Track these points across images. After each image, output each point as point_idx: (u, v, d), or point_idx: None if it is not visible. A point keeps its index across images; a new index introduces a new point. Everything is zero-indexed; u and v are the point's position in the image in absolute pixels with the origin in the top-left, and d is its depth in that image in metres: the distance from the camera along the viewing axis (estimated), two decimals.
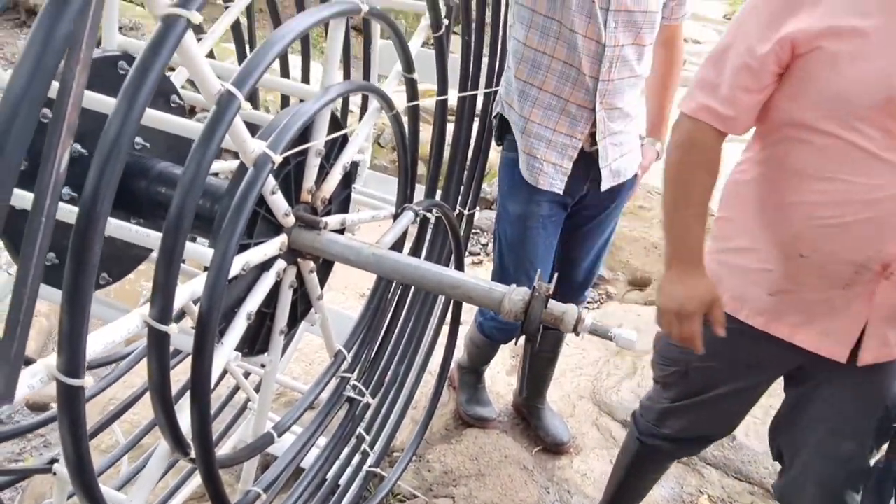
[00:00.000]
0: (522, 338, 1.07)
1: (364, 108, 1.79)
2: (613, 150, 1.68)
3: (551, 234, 1.76)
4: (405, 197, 1.43)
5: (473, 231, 3.69)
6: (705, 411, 1.47)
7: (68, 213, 0.71)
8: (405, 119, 1.30)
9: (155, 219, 1.22)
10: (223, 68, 1.12)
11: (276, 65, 1.69)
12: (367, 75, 1.45)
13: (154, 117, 1.02)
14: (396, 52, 1.22)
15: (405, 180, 1.40)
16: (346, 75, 1.60)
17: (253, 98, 1.71)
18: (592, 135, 1.64)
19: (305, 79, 1.73)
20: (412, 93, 1.30)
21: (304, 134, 1.06)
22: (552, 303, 1.04)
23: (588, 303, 3.22)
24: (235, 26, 1.53)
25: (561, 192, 1.68)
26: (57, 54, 0.50)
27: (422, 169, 2.05)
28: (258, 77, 0.79)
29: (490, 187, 3.77)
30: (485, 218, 3.79)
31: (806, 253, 1.17)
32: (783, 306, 1.25)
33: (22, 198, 0.99)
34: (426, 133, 1.48)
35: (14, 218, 1.00)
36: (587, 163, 1.67)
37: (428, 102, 1.77)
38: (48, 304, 2.13)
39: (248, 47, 1.61)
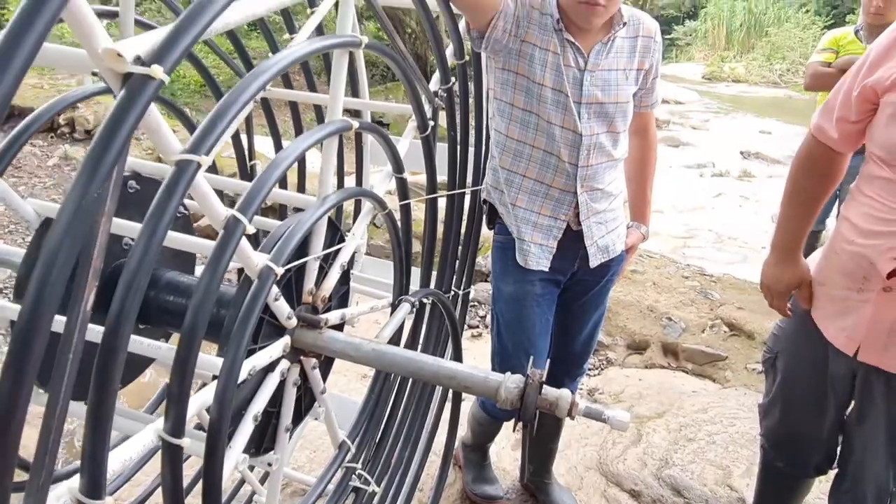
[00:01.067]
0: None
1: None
2: (598, 229, 1.76)
3: (546, 312, 1.81)
4: (401, 288, 1.49)
5: (471, 304, 3.74)
6: (790, 410, 1.61)
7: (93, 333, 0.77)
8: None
9: (162, 325, 1.27)
10: (225, 184, 1.20)
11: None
12: (359, 179, 1.54)
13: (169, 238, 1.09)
14: (386, 154, 1.31)
15: (400, 272, 1.47)
16: (340, 183, 1.70)
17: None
18: (577, 216, 1.72)
19: (301, 187, 1.82)
20: (403, 192, 1.38)
21: (304, 241, 1.13)
22: (546, 388, 1.08)
23: (589, 369, 3.24)
24: (235, 136, 1.63)
25: (548, 270, 1.74)
26: (90, 214, 0.56)
27: (416, 246, 2.13)
28: (261, 200, 0.86)
29: (485, 259, 3.84)
30: (482, 290, 3.85)
31: (837, 251, 1.39)
32: (820, 298, 1.46)
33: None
34: (419, 212, 1.56)
35: None
36: (575, 242, 1.75)
37: (419, 179, 1.85)
38: None
39: (247, 155, 1.70)
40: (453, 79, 1.59)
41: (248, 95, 0.77)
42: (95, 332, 0.71)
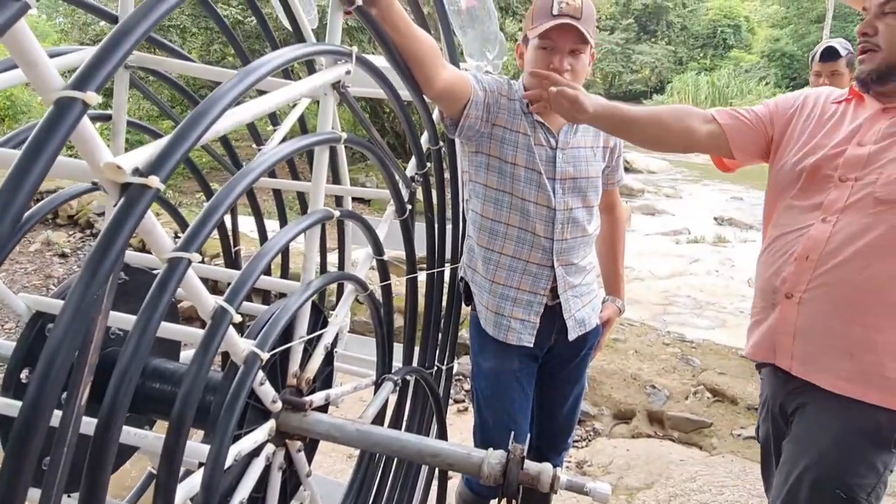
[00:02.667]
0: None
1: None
2: (575, 302, 1.81)
3: (525, 387, 1.84)
4: (384, 366, 1.52)
5: (456, 378, 3.74)
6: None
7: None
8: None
9: (147, 412, 1.28)
10: (211, 272, 1.25)
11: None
12: (342, 262, 1.59)
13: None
14: (366, 237, 1.37)
15: (382, 351, 1.50)
16: (323, 267, 1.76)
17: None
18: (553, 290, 1.78)
19: (284, 269, 1.87)
20: (383, 273, 1.44)
21: (289, 325, 1.17)
22: (528, 463, 1.11)
23: (576, 441, 3.22)
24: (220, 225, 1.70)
25: (531, 346, 1.78)
26: (88, 314, 0.61)
27: (399, 321, 2.17)
28: (248, 291, 0.91)
29: (467, 332, 3.87)
30: (465, 363, 3.86)
31: (754, 280, 1.52)
32: (751, 329, 1.54)
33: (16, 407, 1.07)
34: (400, 287, 1.61)
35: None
36: (552, 316, 1.79)
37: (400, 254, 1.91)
38: None
39: (231, 240, 1.76)
40: (428, 163, 1.68)
41: (236, 195, 0.83)
42: (87, 425, 0.73)
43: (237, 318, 0.89)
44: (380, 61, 1.44)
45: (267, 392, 1.11)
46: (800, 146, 1.45)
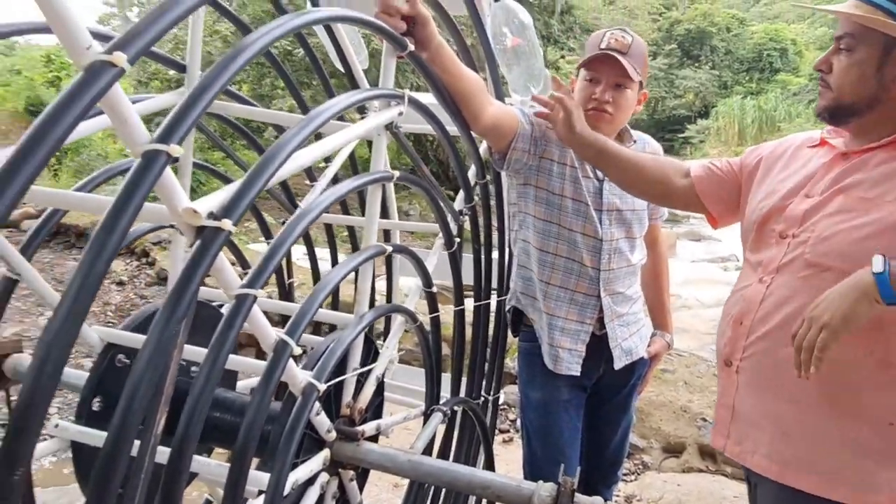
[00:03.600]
0: None
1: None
2: (622, 331, 1.81)
3: (574, 418, 1.83)
4: (433, 397, 1.54)
5: (501, 408, 3.72)
6: None
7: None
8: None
9: (209, 441, 1.33)
10: (272, 306, 1.30)
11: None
12: (390, 295, 1.63)
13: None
14: (415, 270, 1.41)
15: (431, 382, 1.52)
16: (372, 302, 1.80)
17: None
18: (600, 319, 1.78)
19: (335, 302, 1.93)
20: (432, 305, 1.47)
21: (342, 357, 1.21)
22: (578, 496, 1.11)
23: (625, 475, 3.16)
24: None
25: (578, 375, 1.78)
26: (167, 349, 0.65)
27: (445, 350, 2.18)
28: (306, 324, 0.95)
29: (513, 362, 3.86)
30: (511, 393, 3.84)
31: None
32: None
33: (90, 435, 1.13)
34: (448, 316, 1.64)
35: (84, 453, 1.13)
36: (599, 345, 1.79)
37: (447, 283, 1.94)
38: None
39: (285, 273, 1.82)
40: (476, 197, 1.72)
41: (296, 235, 0.87)
42: (160, 453, 0.78)
43: (297, 351, 0.93)
44: (427, 98, 1.49)
45: (322, 422, 1.14)
46: (761, 195, 1.33)
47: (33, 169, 0.52)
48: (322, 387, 1.03)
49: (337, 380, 1.09)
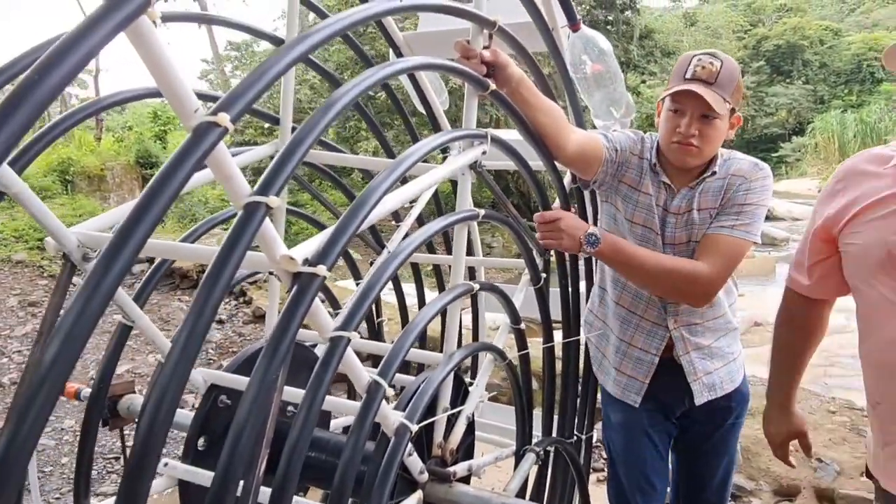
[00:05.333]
0: None
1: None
2: (703, 364, 1.69)
3: (658, 445, 1.76)
4: (524, 437, 1.51)
5: (595, 446, 3.60)
6: None
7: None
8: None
9: (305, 479, 1.36)
10: (363, 346, 1.33)
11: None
12: (476, 333, 1.63)
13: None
14: (503, 307, 1.40)
15: (522, 421, 1.50)
16: (459, 343, 1.81)
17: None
18: (670, 349, 1.69)
19: (422, 343, 1.94)
20: (521, 342, 1.45)
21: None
22: None
23: None
24: None
25: (637, 406, 1.71)
26: (269, 392, 0.67)
27: (535, 384, 2.13)
28: (398, 365, 0.96)
29: None
30: None
31: (878, 400, 1.25)
32: (889, 460, 1.26)
33: (196, 474, 1.17)
34: (536, 350, 1.61)
35: (191, 491, 1.17)
36: (676, 376, 1.69)
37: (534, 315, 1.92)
38: None
39: (374, 313, 1.86)
40: None
41: (388, 276, 0.89)
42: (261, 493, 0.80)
43: (390, 392, 0.94)
44: (508, 134, 1.50)
45: (415, 463, 1.14)
46: (881, 225, 1.20)
47: (151, 223, 0.56)
48: (414, 427, 1.03)
49: (429, 420, 1.08)
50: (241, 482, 0.73)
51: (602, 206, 1.76)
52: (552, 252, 1.66)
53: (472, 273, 2.31)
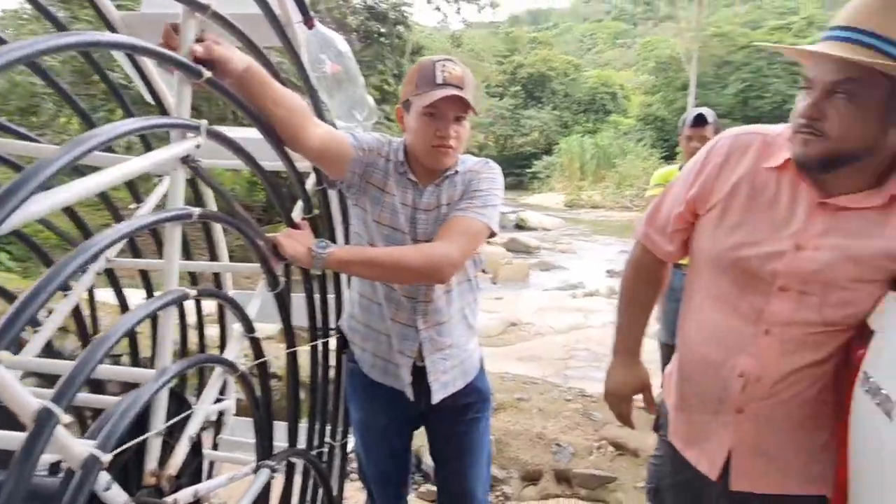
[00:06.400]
0: None
1: None
2: (442, 364, 1.74)
3: (395, 440, 1.84)
4: (264, 452, 1.41)
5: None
6: None
7: None
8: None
9: None
10: (38, 365, 1.13)
11: None
12: (223, 343, 1.49)
13: None
14: (235, 316, 1.30)
15: (261, 436, 1.40)
16: (184, 352, 1.65)
17: None
18: (421, 351, 1.71)
19: (135, 360, 1.74)
20: (257, 352, 1.35)
21: (144, 418, 1.06)
22: None
23: None
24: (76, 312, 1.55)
25: (399, 399, 1.74)
26: None
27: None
28: (78, 386, 0.81)
29: None
30: None
31: (687, 376, 1.38)
32: (678, 423, 1.42)
33: None
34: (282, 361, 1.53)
35: None
36: (419, 376, 1.73)
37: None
38: None
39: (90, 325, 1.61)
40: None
41: (55, 286, 0.75)
42: None
43: (66, 420, 0.79)
44: (247, 132, 1.40)
45: (115, 497, 0.99)
46: (727, 229, 1.26)
47: None
48: (106, 457, 0.89)
49: (128, 444, 0.94)
50: None
51: (353, 210, 1.74)
52: None
53: (217, 279, 2.14)
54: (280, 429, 1.66)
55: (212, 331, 2.34)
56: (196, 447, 1.27)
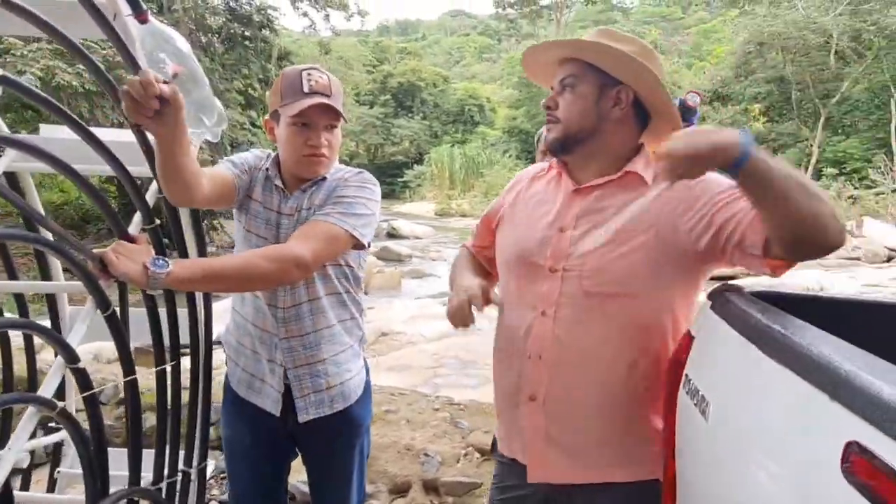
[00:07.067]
0: None
1: None
2: (312, 381, 1.66)
3: (261, 463, 1.75)
4: (94, 495, 1.26)
5: (223, 476, 3.36)
6: None
7: None
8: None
9: None
10: None
11: None
12: (10, 381, 1.31)
13: None
14: (51, 347, 1.14)
15: (92, 477, 1.24)
16: (9, 386, 1.44)
17: None
18: (282, 364, 1.64)
19: None
20: (84, 384, 1.20)
21: None
22: None
23: None
24: None
25: (265, 417, 1.67)
26: None
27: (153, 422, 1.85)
28: None
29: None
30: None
31: (496, 378, 1.44)
32: (500, 429, 1.48)
33: None
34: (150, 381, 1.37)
35: None
36: (286, 392, 1.65)
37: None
38: None
39: None
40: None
41: None
42: None
43: None
44: (63, 133, 1.25)
45: None
46: (511, 231, 1.45)
47: None
48: None
49: None
50: None
51: (235, 225, 1.70)
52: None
53: (51, 301, 1.91)
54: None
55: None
56: (7, 496, 1.10)
